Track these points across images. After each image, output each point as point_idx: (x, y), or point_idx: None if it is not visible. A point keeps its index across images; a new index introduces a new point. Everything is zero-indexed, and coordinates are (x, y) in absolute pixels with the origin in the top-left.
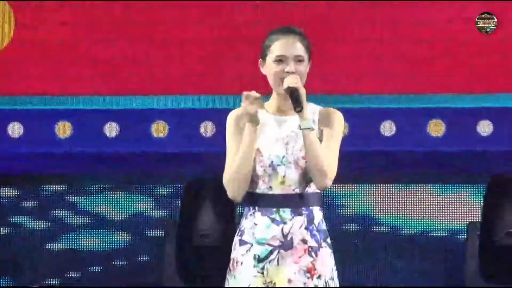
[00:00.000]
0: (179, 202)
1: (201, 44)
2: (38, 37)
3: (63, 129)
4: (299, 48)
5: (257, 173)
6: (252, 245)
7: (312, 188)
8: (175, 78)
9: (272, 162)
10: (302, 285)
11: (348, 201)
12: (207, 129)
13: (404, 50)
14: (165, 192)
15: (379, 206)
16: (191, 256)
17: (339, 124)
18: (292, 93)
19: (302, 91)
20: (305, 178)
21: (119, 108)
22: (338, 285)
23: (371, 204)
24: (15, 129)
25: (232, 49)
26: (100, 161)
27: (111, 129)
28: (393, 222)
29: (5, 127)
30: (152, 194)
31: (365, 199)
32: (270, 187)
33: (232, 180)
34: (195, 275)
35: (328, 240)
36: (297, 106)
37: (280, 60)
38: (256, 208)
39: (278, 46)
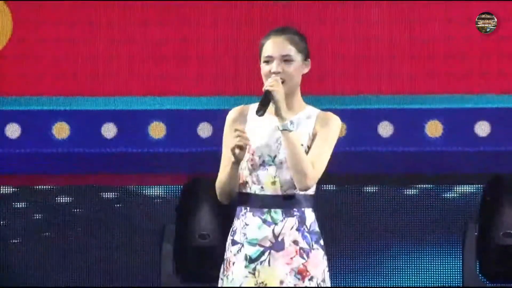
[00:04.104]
0: (177, 202)
1: (199, 45)
2: (35, 37)
3: (61, 130)
4: (288, 48)
5: (248, 171)
6: (243, 245)
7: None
8: (172, 79)
9: (263, 161)
10: (293, 286)
11: (345, 202)
12: (204, 130)
13: (403, 50)
14: (163, 193)
15: (376, 207)
16: (189, 256)
17: (334, 128)
18: (265, 96)
19: (278, 96)
20: None
21: (117, 109)
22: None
23: (367, 205)
24: (12, 130)
25: (230, 49)
26: (97, 162)
27: (109, 130)
28: (390, 223)
29: (2, 128)
30: (150, 195)
31: (362, 200)
32: (262, 187)
33: (219, 190)
34: (193, 275)
35: (321, 242)
36: (258, 110)
37: (268, 60)
38: (248, 208)
39: (266, 47)
